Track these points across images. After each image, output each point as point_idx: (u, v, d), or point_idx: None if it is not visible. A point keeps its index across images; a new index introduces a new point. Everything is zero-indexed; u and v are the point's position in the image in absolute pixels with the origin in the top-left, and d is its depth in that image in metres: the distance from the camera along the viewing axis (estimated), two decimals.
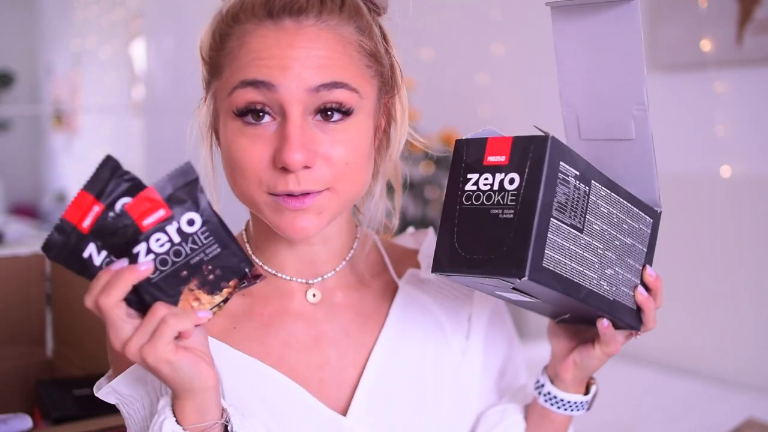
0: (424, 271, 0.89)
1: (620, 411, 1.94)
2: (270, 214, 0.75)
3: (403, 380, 0.85)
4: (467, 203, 0.68)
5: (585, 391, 0.86)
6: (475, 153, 0.69)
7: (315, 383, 0.82)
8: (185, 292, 0.67)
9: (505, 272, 0.65)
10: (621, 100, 0.73)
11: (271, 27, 0.73)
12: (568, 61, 0.75)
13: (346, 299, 0.86)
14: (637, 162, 0.76)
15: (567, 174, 0.67)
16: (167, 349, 0.65)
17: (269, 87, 0.72)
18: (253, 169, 0.73)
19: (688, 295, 2.26)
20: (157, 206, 0.65)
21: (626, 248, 0.76)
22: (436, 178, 2.92)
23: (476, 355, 0.90)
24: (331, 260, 0.86)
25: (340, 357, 0.84)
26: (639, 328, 0.80)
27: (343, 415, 0.81)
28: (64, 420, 1.17)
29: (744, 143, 2.26)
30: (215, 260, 0.67)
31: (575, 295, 0.70)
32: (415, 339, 0.87)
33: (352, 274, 0.88)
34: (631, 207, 0.76)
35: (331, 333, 0.85)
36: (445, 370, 0.88)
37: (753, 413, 1.86)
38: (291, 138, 0.71)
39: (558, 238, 0.66)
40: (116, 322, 0.64)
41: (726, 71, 2.27)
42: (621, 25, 0.69)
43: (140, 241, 0.64)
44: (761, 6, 2.18)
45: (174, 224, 0.65)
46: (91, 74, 6.20)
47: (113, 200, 0.65)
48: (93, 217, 0.64)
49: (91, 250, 0.65)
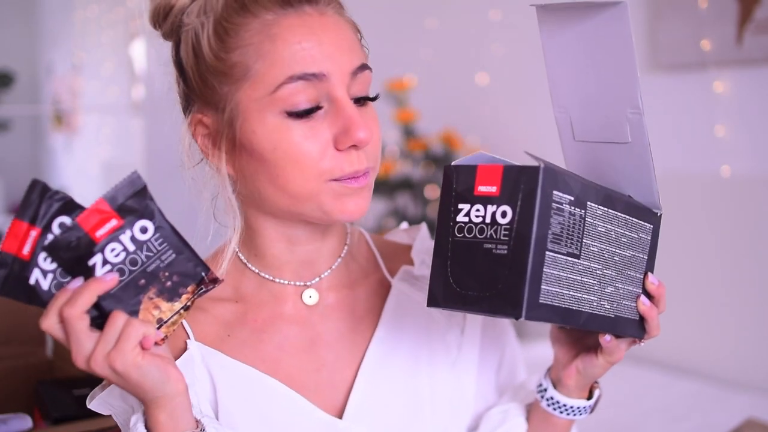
0: (418, 268, 0.89)
1: (620, 411, 1.94)
2: (331, 201, 0.75)
3: (399, 379, 0.85)
4: (459, 236, 0.66)
5: (588, 395, 0.85)
6: (465, 181, 0.67)
7: (311, 387, 0.82)
8: (145, 301, 0.67)
9: (502, 311, 0.64)
10: (614, 103, 0.71)
11: (294, 15, 0.73)
12: (557, 62, 0.74)
13: (339, 299, 0.86)
14: (635, 165, 0.74)
15: (561, 202, 0.65)
16: (135, 353, 0.64)
17: (320, 77, 0.72)
18: (312, 160, 0.73)
19: (688, 295, 2.26)
20: (109, 217, 0.65)
21: (626, 261, 0.74)
22: (436, 178, 2.92)
23: (473, 350, 0.90)
24: (329, 258, 0.85)
25: (336, 359, 0.84)
26: (643, 336, 0.79)
27: (339, 416, 0.81)
28: (64, 420, 1.17)
29: (744, 143, 2.26)
30: (171, 266, 0.67)
31: (575, 323, 0.69)
32: (409, 337, 0.87)
33: (346, 273, 0.87)
34: (630, 218, 0.74)
35: (326, 335, 0.84)
36: (441, 366, 0.87)
37: (753, 413, 1.86)
38: (354, 117, 0.73)
39: (554, 270, 0.65)
40: (79, 336, 0.64)
41: (726, 71, 2.27)
42: (610, 28, 0.68)
43: (95, 252, 0.64)
44: (761, 6, 2.18)
45: (127, 233, 0.65)
46: (91, 74, 6.20)
47: (48, 221, 0.64)
48: (32, 242, 0.64)
49: (37, 276, 0.65)
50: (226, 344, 0.81)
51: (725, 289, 2.24)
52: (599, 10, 0.67)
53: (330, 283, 0.86)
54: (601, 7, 0.67)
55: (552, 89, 0.75)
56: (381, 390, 0.83)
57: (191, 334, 0.80)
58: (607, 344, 0.77)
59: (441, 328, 0.89)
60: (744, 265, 2.20)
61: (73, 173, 6.54)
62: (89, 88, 6.26)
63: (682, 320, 2.28)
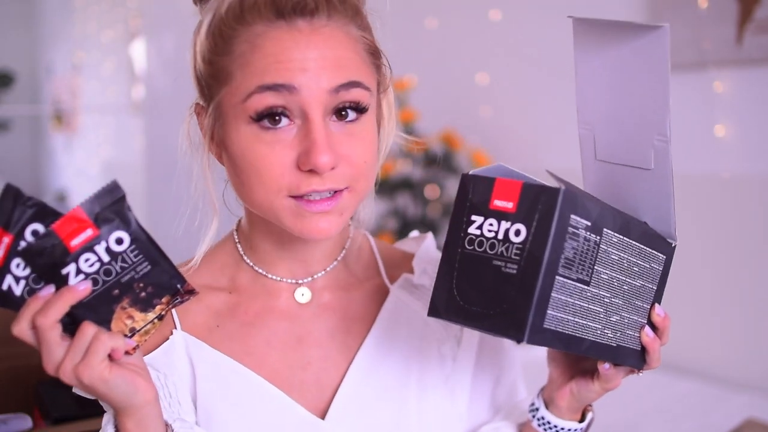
0: (418, 277, 0.88)
1: (620, 411, 1.94)
2: (290, 218, 0.74)
3: (386, 386, 0.84)
4: (469, 248, 0.65)
5: (581, 418, 0.83)
6: (482, 193, 0.65)
7: (296, 384, 0.82)
8: (118, 311, 0.67)
9: (503, 332, 0.62)
10: (642, 127, 0.69)
11: (285, 28, 0.71)
12: (587, 78, 0.71)
13: (334, 300, 0.85)
14: (654, 193, 0.72)
15: (577, 227, 0.63)
16: (101, 366, 0.64)
17: (290, 89, 0.70)
18: (272, 174, 0.72)
19: (688, 295, 2.26)
20: (85, 226, 0.64)
21: (635, 290, 0.72)
22: (436, 178, 2.92)
23: (468, 364, 0.89)
24: (323, 260, 0.85)
25: (323, 358, 0.83)
26: (642, 367, 0.77)
27: (321, 417, 0.81)
28: (64, 420, 1.17)
29: (744, 143, 2.26)
30: (146, 278, 0.67)
31: (576, 350, 0.68)
32: (401, 345, 0.86)
33: (342, 275, 0.87)
34: (644, 248, 0.72)
35: (316, 333, 0.84)
36: (433, 378, 0.86)
37: (753, 413, 1.86)
38: (318, 140, 0.71)
39: (562, 295, 0.63)
40: (50, 344, 0.64)
41: (726, 71, 2.27)
42: (649, 51, 0.65)
43: (69, 262, 0.63)
44: (761, 6, 2.18)
45: (102, 243, 0.64)
46: (91, 74, 6.20)
47: (21, 228, 0.64)
48: (4, 248, 0.63)
49: (9, 282, 0.64)
50: (214, 335, 0.81)
51: (725, 289, 2.24)
52: (640, 32, 0.65)
53: (325, 284, 0.85)
54: (642, 29, 0.64)
55: (579, 104, 0.73)
56: (367, 394, 0.83)
57: (178, 324, 0.80)
58: (606, 372, 0.76)
59: (437, 338, 0.88)
60: (744, 265, 2.20)
61: (73, 173, 6.55)
62: (89, 88, 6.27)
63: (682, 320, 2.28)
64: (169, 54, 4.73)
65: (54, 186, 7.07)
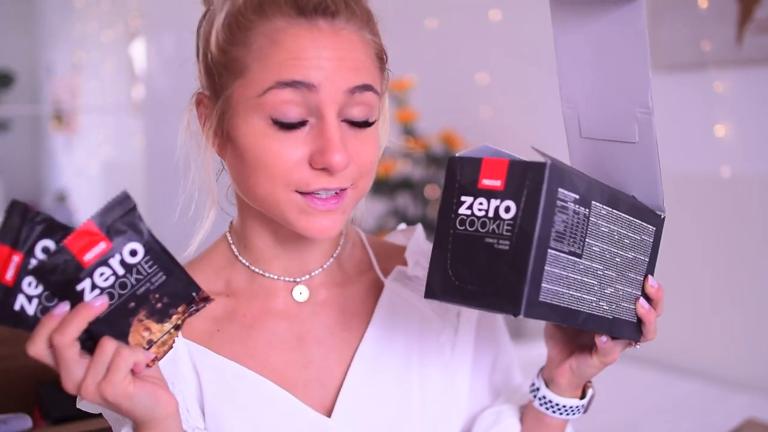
0: (412, 269, 0.88)
1: (620, 411, 1.94)
2: (295, 214, 0.75)
3: (389, 379, 0.84)
4: (461, 228, 0.66)
5: (581, 395, 0.85)
6: (469, 174, 0.66)
7: (300, 384, 0.82)
8: (135, 323, 0.66)
9: (500, 308, 0.63)
10: (624, 101, 0.70)
11: (305, 26, 0.72)
12: (568, 56, 0.72)
13: (331, 297, 0.86)
14: (641, 166, 0.73)
15: (566, 200, 0.64)
16: (125, 383, 0.64)
17: (309, 87, 0.71)
18: (282, 169, 0.72)
19: (688, 295, 2.26)
20: (97, 239, 0.62)
21: (627, 263, 0.73)
22: (435, 177, 2.92)
23: (467, 351, 0.89)
24: (320, 258, 0.85)
25: (325, 356, 0.84)
26: (639, 339, 0.78)
27: (327, 415, 0.81)
28: (64, 420, 1.17)
29: (744, 143, 2.26)
30: (161, 288, 0.66)
31: (573, 322, 0.68)
32: (401, 337, 0.86)
33: (338, 272, 0.87)
34: (633, 220, 0.73)
35: (316, 331, 0.84)
36: (433, 367, 0.87)
37: (753, 413, 1.86)
38: (333, 140, 0.71)
39: (556, 268, 0.64)
40: (69, 363, 0.63)
41: (726, 71, 2.28)
42: (625, 25, 0.66)
43: (83, 277, 0.62)
44: (761, 6, 2.18)
45: (116, 257, 0.63)
46: (91, 74, 6.21)
47: (31, 246, 0.62)
48: (15, 268, 0.62)
49: (22, 302, 0.62)
50: (215, 340, 0.81)
51: (725, 289, 2.24)
52: (615, 6, 0.66)
53: (321, 281, 0.86)
54: (618, 2, 0.65)
55: (561, 83, 0.74)
56: (371, 389, 0.83)
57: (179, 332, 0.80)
58: (603, 345, 0.77)
59: (434, 328, 0.88)
60: (744, 265, 2.20)
61: (73, 173, 6.55)
62: (89, 88, 6.27)
63: (682, 320, 2.29)
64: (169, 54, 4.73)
65: (54, 186, 7.07)
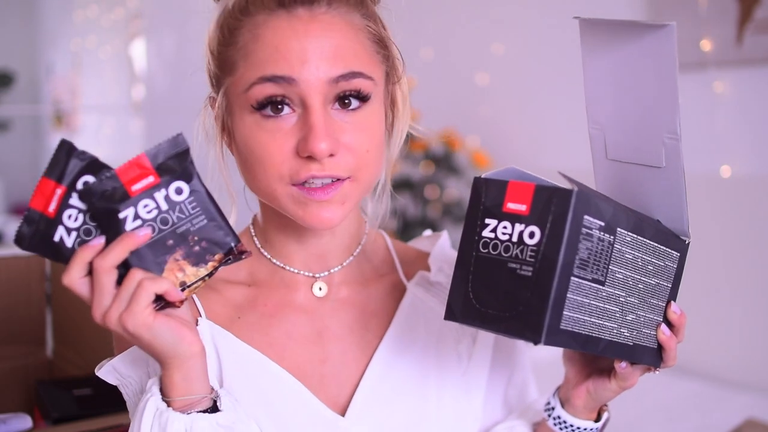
0: (434, 275, 0.88)
1: (620, 411, 1.94)
2: (292, 206, 0.75)
3: (405, 382, 0.84)
4: (484, 251, 0.65)
5: (597, 417, 0.83)
6: (495, 197, 0.66)
7: (316, 379, 0.82)
8: (170, 262, 0.67)
9: (520, 334, 0.62)
10: (652, 126, 0.69)
11: (284, 17, 0.72)
12: (596, 78, 0.71)
13: (351, 295, 0.86)
14: (667, 191, 0.73)
15: (591, 227, 0.63)
16: (145, 313, 0.64)
17: (289, 81, 0.71)
18: (274, 161, 0.73)
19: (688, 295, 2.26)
20: (147, 173, 0.65)
21: (650, 289, 0.73)
22: (436, 178, 2.92)
23: (484, 361, 0.89)
24: (339, 254, 0.85)
25: (342, 353, 0.83)
26: (659, 365, 0.78)
27: (341, 412, 0.81)
28: (64, 420, 1.17)
29: (744, 143, 2.26)
30: (201, 231, 0.67)
31: (593, 350, 0.68)
32: (419, 341, 0.86)
33: (359, 270, 0.87)
34: (658, 246, 0.72)
35: (335, 328, 0.84)
36: (451, 375, 0.87)
37: (753, 413, 1.86)
38: (315, 127, 0.71)
39: (578, 296, 0.64)
40: (103, 290, 0.64)
41: (726, 71, 2.28)
42: (656, 50, 0.65)
43: (128, 206, 0.64)
44: (761, 6, 2.18)
45: (162, 191, 0.65)
46: (91, 74, 6.20)
47: (73, 180, 0.65)
48: (57, 200, 0.65)
49: (61, 233, 0.65)
50: (236, 326, 0.81)
51: (725, 289, 2.24)
52: (646, 31, 0.65)
53: (342, 278, 0.86)
54: (649, 28, 0.64)
55: (588, 105, 0.73)
56: (386, 392, 0.83)
57: (202, 312, 0.81)
58: (623, 371, 0.76)
59: (453, 335, 0.88)
60: (744, 265, 2.20)
61: None
62: (89, 88, 6.27)
63: None
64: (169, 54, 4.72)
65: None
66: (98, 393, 1.26)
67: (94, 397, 1.25)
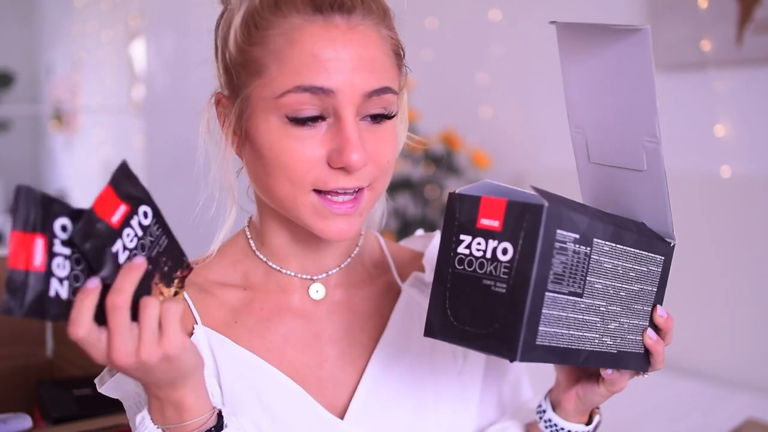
0: (428, 275, 0.88)
1: (620, 411, 1.94)
2: (313, 217, 0.75)
3: (403, 384, 0.84)
4: (460, 267, 0.65)
5: (588, 420, 0.84)
6: (468, 212, 0.65)
7: (314, 382, 0.82)
8: (153, 287, 0.65)
9: (497, 352, 0.62)
10: (631, 129, 0.69)
11: (321, 23, 0.71)
12: (575, 84, 0.71)
13: (347, 298, 0.86)
14: (650, 193, 0.73)
15: (565, 241, 0.63)
16: (180, 334, 0.62)
17: (327, 92, 0.70)
18: (300, 168, 0.72)
19: (688, 295, 2.26)
20: (118, 203, 0.62)
21: (633, 295, 0.72)
22: (436, 178, 2.92)
23: (478, 361, 0.89)
24: (336, 257, 0.85)
25: (340, 356, 0.84)
26: (647, 369, 0.78)
27: (339, 415, 0.81)
28: (64, 420, 1.17)
29: (744, 143, 2.26)
30: (167, 251, 0.66)
31: (574, 362, 0.68)
32: (415, 342, 0.86)
33: (355, 273, 0.87)
34: (639, 252, 0.72)
35: (331, 331, 0.84)
36: (447, 374, 0.87)
37: (753, 413, 1.86)
38: (351, 139, 0.71)
39: (554, 310, 0.63)
40: (122, 329, 0.60)
41: (726, 71, 2.28)
42: (632, 53, 0.65)
43: (116, 239, 0.61)
44: (761, 6, 2.18)
45: (135, 218, 0.63)
46: (91, 74, 6.20)
47: (47, 225, 0.58)
48: (42, 251, 0.57)
49: (56, 287, 0.58)
50: (233, 330, 0.81)
51: (725, 289, 2.24)
52: (622, 35, 0.64)
53: (338, 281, 0.86)
54: (624, 32, 0.64)
55: (569, 109, 0.73)
56: (385, 393, 0.83)
57: (198, 319, 0.80)
58: (609, 376, 0.76)
59: None
60: (744, 265, 2.20)
61: (73, 173, 6.54)
62: (89, 88, 6.26)
63: (681, 320, 2.28)
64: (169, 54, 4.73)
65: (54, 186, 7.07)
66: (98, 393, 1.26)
67: (94, 397, 1.25)
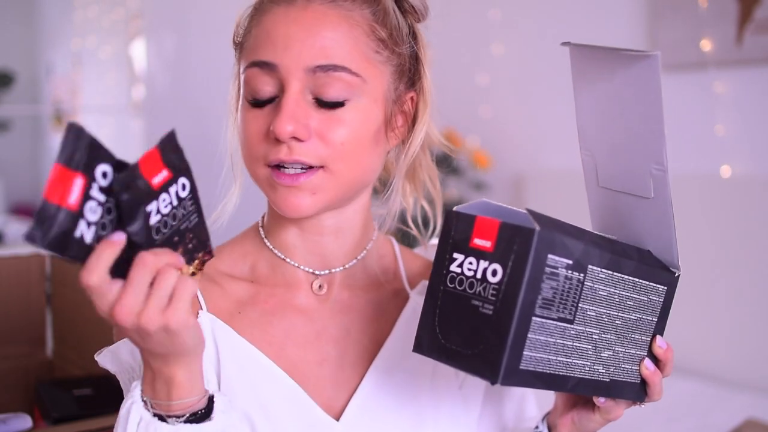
0: None
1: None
2: (267, 188, 0.78)
3: (402, 392, 0.84)
4: (451, 286, 0.65)
5: None
6: (463, 230, 0.65)
7: (312, 380, 0.81)
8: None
9: (480, 373, 0.62)
10: (639, 156, 0.69)
11: (284, 5, 0.76)
12: (587, 107, 0.71)
13: (352, 298, 0.85)
14: (656, 221, 0.72)
15: (556, 266, 0.62)
16: (189, 312, 0.61)
17: (271, 67, 0.75)
18: (251, 143, 0.77)
19: (688, 295, 2.26)
20: (161, 167, 0.61)
21: (630, 324, 0.71)
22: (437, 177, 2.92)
23: None
24: (341, 255, 0.85)
25: (340, 356, 0.83)
26: (643, 399, 0.77)
27: (335, 416, 0.80)
28: (64, 420, 1.17)
29: (744, 143, 2.26)
30: (194, 229, 0.66)
31: (561, 388, 0.67)
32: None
33: (362, 275, 0.86)
34: (639, 281, 0.71)
35: (333, 330, 0.84)
36: (448, 386, 0.86)
37: (753, 413, 1.86)
38: (283, 109, 0.74)
39: (541, 335, 0.63)
40: (139, 287, 0.59)
41: (726, 71, 2.27)
42: (640, 81, 0.65)
43: (152, 200, 0.60)
44: (761, 6, 2.18)
45: (174, 187, 0.63)
46: (91, 74, 6.20)
47: (90, 169, 0.58)
48: (79, 191, 0.57)
49: (82, 229, 0.57)
50: (237, 321, 0.81)
51: (725, 289, 2.24)
52: (632, 60, 0.64)
53: (343, 281, 0.85)
54: (635, 57, 0.64)
55: (580, 131, 0.73)
56: (383, 400, 0.82)
57: (204, 306, 0.80)
58: (603, 405, 0.76)
59: None
60: (744, 265, 2.20)
61: None
62: (89, 88, 6.26)
63: (681, 320, 2.28)
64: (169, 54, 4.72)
65: None
66: (98, 393, 1.27)
67: (94, 397, 1.25)
